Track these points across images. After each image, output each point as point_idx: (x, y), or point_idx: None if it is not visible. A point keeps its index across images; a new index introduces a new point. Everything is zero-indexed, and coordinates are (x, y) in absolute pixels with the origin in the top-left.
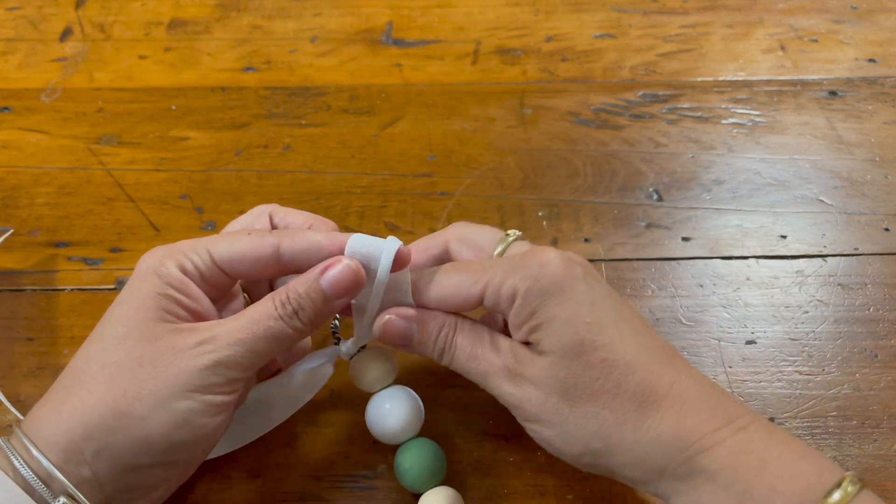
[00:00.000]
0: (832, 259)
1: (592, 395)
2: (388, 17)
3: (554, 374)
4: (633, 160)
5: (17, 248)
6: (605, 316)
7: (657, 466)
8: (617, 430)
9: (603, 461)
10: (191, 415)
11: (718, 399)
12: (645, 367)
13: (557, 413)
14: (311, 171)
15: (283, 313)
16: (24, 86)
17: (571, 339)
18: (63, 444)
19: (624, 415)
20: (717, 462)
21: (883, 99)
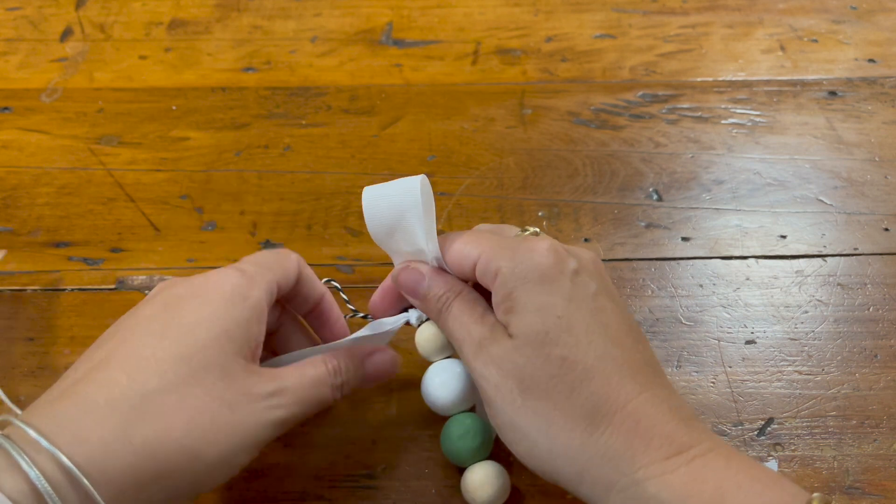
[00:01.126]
0: (832, 259)
1: (546, 391)
2: (388, 17)
3: (514, 359)
4: (633, 160)
5: (18, 248)
6: (580, 316)
7: (602, 482)
8: (564, 434)
9: (550, 466)
10: (241, 467)
11: (678, 424)
12: (603, 377)
13: (511, 401)
14: (311, 171)
15: (334, 383)
16: (24, 86)
17: (538, 327)
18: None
19: (573, 420)
20: (669, 490)
21: (883, 99)
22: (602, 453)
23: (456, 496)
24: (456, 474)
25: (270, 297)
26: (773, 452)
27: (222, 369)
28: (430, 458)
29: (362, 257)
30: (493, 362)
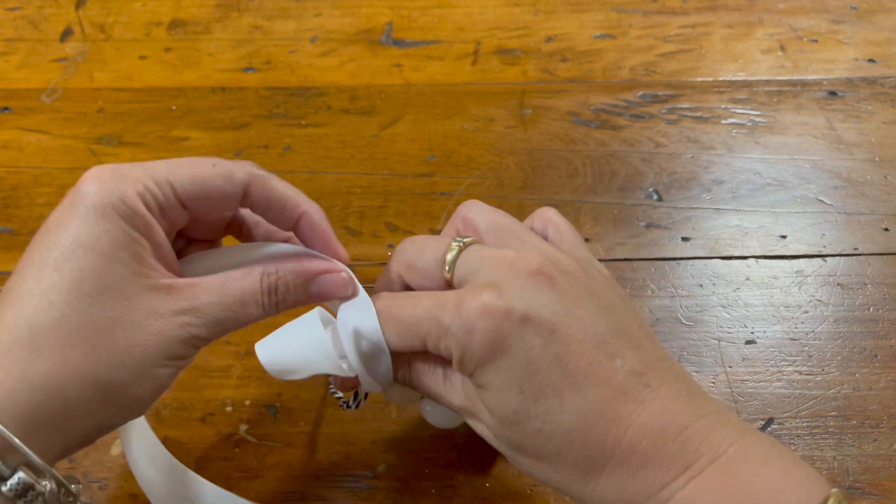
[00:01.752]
0: (832, 259)
1: (536, 456)
2: (388, 17)
3: (499, 432)
4: (633, 160)
5: (18, 248)
6: (542, 378)
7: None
8: (564, 484)
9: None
10: (167, 378)
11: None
12: (586, 433)
13: (509, 456)
14: (311, 171)
15: (267, 302)
16: (24, 86)
17: (506, 410)
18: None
19: (568, 476)
20: None
21: (883, 99)
22: (601, 497)
23: (456, 496)
24: (456, 474)
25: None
26: None
27: (120, 291)
28: (430, 458)
29: (362, 257)
30: (482, 424)
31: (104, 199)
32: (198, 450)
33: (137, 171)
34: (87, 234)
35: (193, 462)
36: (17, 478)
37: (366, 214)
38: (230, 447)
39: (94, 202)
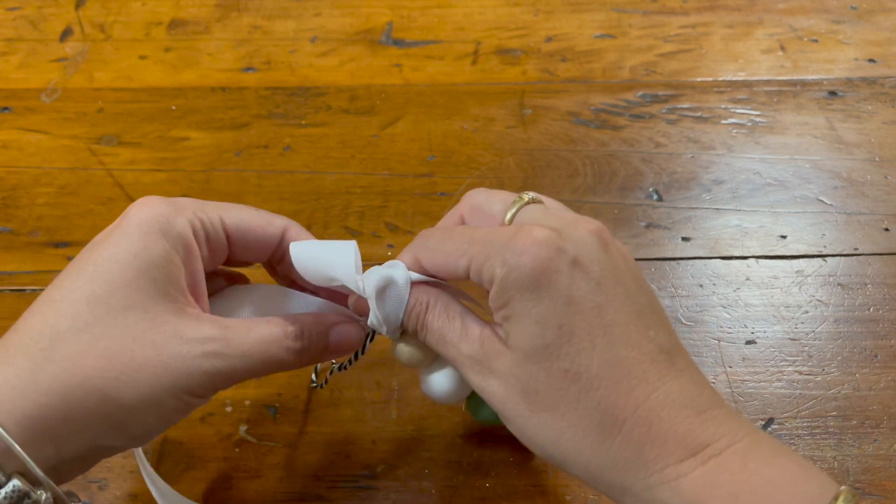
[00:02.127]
0: (832, 259)
1: (552, 405)
2: (388, 17)
3: (517, 375)
4: (633, 160)
5: (17, 248)
6: (581, 320)
7: (616, 488)
8: (575, 444)
9: (565, 469)
10: (174, 414)
11: (693, 420)
12: (611, 384)
13: (517, 413)
14: (311, 171)
15: (293, 346)
16: (24, 86)
17: (537, 341)
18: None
19: (583, 431)
20: (680, 498)
21: (883, 99)
22: (614, 462)
23: (456, 496)
24: (456, 474)
25: (204, 231)
26: None
27: (146, 309)
28: (430, 458)
29: (362, 257)
30: (493, 377)
31: (150, 218)
32: (198, 450)
33: (189, 201)
34: (126, 250)
35: (193, 462)
36: (12, 485)
37: (366, 214)
38: (230, 447)
39: (139, 220)
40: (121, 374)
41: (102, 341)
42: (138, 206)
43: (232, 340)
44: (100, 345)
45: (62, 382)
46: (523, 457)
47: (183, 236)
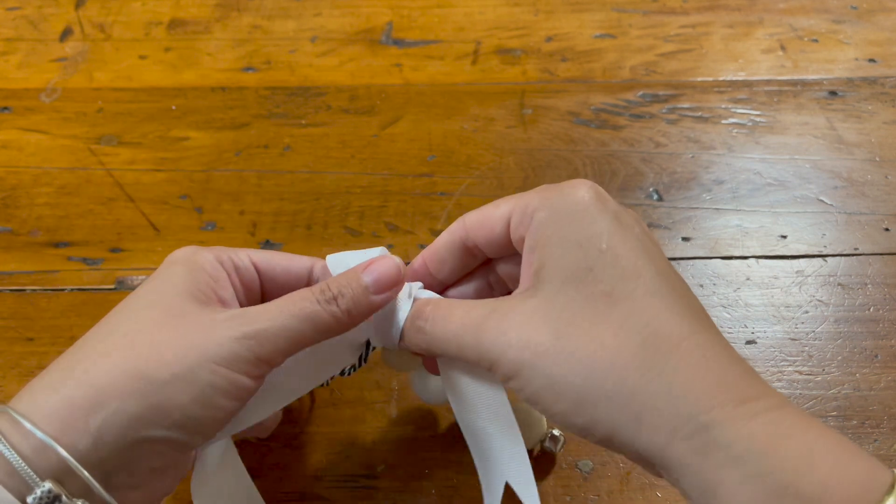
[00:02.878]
0: (832, 259)
1: (589, 333)
2: (388, 17)
3: (548, 307)
4: (633, 160)
5: (17, 248)
6: (626, 247)
7: (664, 428)
8: (615, 374)
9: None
10: (212, 391)
11: (743, 370)
12: (658, 311)
13: (544, 355)
14: (311, 171)
15: (321, 298)
16: (24, 86)
17: (581, 263)
18: (63, 410)
19: (625, 358)
20: (746, 442)
21: (883, 99)
22: (662, 392)
23: (456, 496)
24: (456, 474)
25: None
26: None
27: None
28: (430, 458)
29: None
30: (512, 328)
31: (179, 256)
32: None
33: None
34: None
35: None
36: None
37: (366, 214)
38: None
39: (171, 260)
40: (148, 354)
41: (128, 336)
42: (174, 252)
43: (253, 310)
44: (125, 339)
45: (89, 372)
46: None
47: (210, 263)
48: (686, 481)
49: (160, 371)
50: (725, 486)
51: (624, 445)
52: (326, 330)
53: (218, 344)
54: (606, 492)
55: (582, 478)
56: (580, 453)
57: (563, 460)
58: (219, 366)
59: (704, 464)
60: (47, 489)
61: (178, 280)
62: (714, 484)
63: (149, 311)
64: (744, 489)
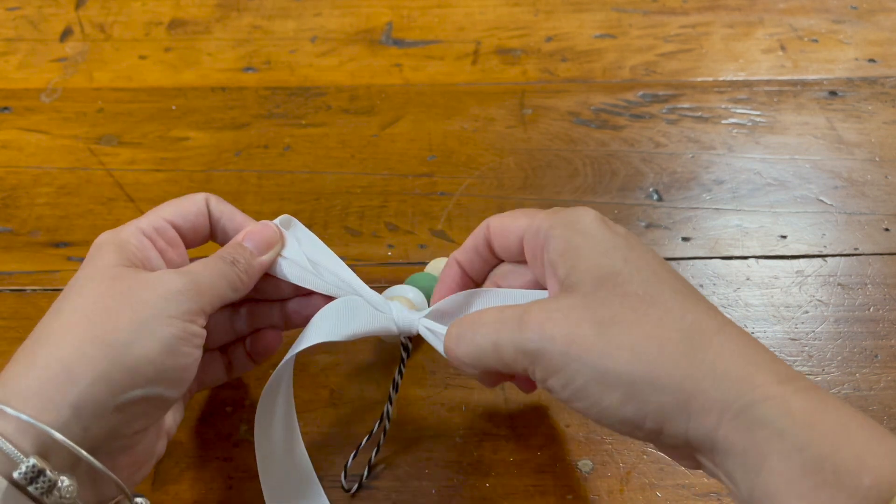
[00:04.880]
0: (832, 259)
1: (631, 325)
2: (388, 17)
3: (585, 304)
4: (633, 160)
5: (17, 248)
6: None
7: (714, 410)
8: (663, 363)
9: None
10: (174, 341)
11: (774, 356)
12: (690, 305)
13: (590, 348)
14: (311, 171)
15: (227, 260)
16: (24, 86)
17: (609, 269)
18: (38, 390)
19: (670, 348)
20: (790, 417)
21: (883, 99)
22: (709, 376)
23: (456, 496)
24: (456, 474)
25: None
26: None
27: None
28: (430, 458)
29: (362, 257)
30: (554, 323)
31: (103, 239)
32: (198, 450)
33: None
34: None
35: (193, 462)
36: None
37: (366, 214)
38: (230, 447)
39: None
40: (105, 323)
41: (77, 312)
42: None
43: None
44: (77, 315)
45: (55, 353)
46: (523, 457)
47: (132, 237)
48: (731, 462)
49: (122, 334)
50: (769, 460)
51: (673, 434)
52: (236, 287)
53: (166, 298)
54: (606, 492)
55: (582, 478)
56: (580, 453)
57: (563, 460)
58: (172, 317)
59: (751, 441)
60: (31, 464)
61: (109, 256)
62: (759, 459)
63: (93, 286)
64: (786, 463)
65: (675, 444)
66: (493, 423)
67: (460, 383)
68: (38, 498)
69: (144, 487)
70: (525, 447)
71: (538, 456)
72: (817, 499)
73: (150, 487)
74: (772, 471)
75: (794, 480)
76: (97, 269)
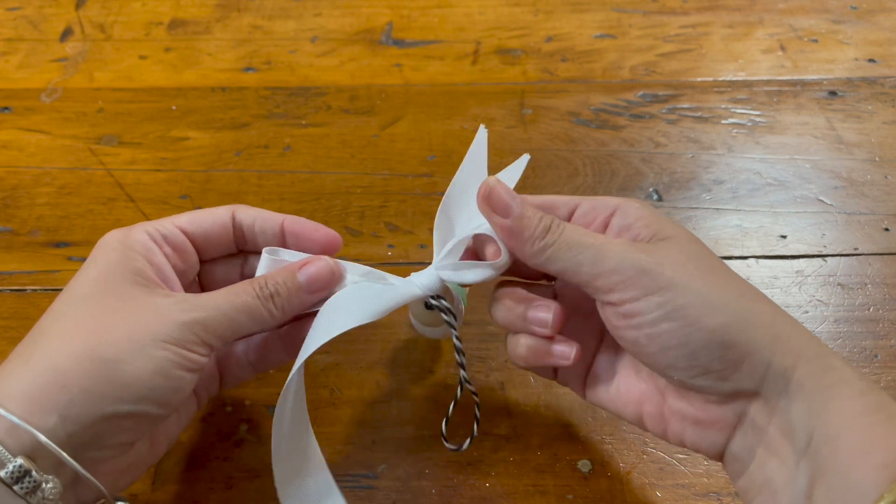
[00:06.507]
0: (832, 259)
1: (726, 273)
2: (388, 17)
3: (684, 250)
4: (633, 160)
5: (17, 248)
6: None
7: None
8: (759, 305)
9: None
10: (168, 364)
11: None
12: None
13: (699, 277)
14: (311, 171)
15: (261, 294)
16: (24, 86)
17: (686, 235)
18: (30, 393)
19: (760, 296)
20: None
21: (883, 99)
22: (789, 324)
23: (456, 496)
24: (456, 474)
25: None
26: None
27: (119, 292)
28: (430, 458)
29: (362, 257)
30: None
31: (108, 238)
32: (198, 450)
33: (143, 223)
34: (92, 266)
35: (193, 462)
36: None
37: (366, 214)
38: (230, 447)
39: (100, 244)
40: (103, 335)
41: (80, 321)
42: (103, 238)
43: (200, 297)
44: (79, 323)
45: (50, 357)
46: (523, 457)
47: (140, 241)
48: (796, 405)
49: (118, 352)
50: (836, 402)
51: (752, 368)
52: (262, 322)
53: (167, 326)
54: (606, 491)
55: (582, 478)
56: (580, 453)
57: (563, 460)
58: (170, 344)
59: (822, 383)
60: (18, 464)
61: (116, 264)
62: (826, 400)
63: (97, 297)
64: (850, 403)
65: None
66: (493, 423)
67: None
68: (22, 496)
69: (145, 487)
70: (525, 447)
71: (538, 456)
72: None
73: (150, 487)
74: (839, 411)
75: (857, 418)
76: (101, 275)
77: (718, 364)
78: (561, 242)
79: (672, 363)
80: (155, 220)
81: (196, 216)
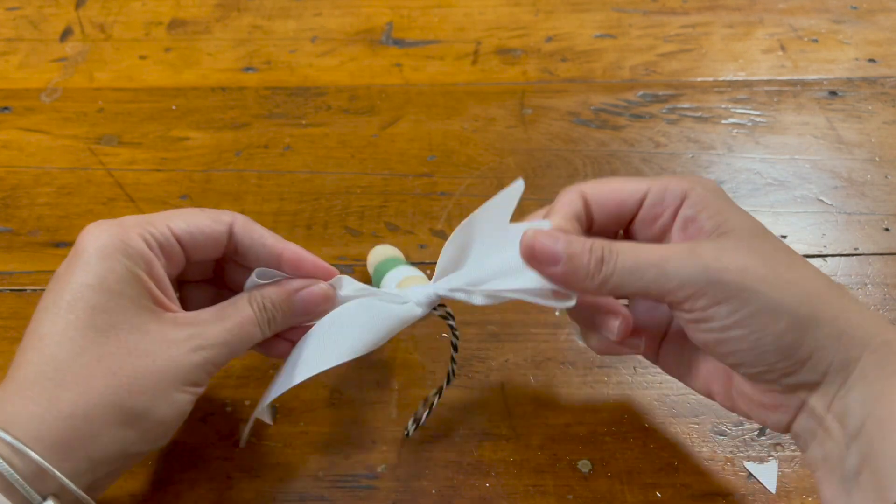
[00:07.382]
0: (832, 259)
1: (791, 266)
2: (388, 17)
3: (748, 245)
4: (633, 160)
5: (17, 248)
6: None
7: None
8: (824, 300)
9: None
10: (186, 404)
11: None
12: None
13: (763, 279)
14: (311, 171)
15: (261, 320)
16: (24, 86)
17: (755, 224)
18: (60, 440)
19: (825, 289)
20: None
21: (883, 99)
22: (855, 314)
23: (456, 496)
24: (456, 474)
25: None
26: (773, 453)
27: (130, 323)
28: (430, 458)
29: (362, 257)
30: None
31: (107, 242)
32: (198, 450)
33: (137, 219)
34: (93, 274)
35: (193, 462)
36: None
37: (366, 214)
38: (230, 447)
39: (96, 246)
40: (130, 386)
41: (103, 361)
42: (89, 232)
43: (209, 333)
44: (102, 365)
45: (81, 405)
46: (523, 457)
47: (140, 252)
48: (855, 393)
49: (145, 403)
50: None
51: (818, 363)
52: (252, 343)
53: (186, 371)
54: (606, 491)
55: (582, 478)
56: (580, 453)
57: (563, 460)
58: (187, 386)
59: (885, 370)
60: None
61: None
62: (886, 388)
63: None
64: None
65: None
66: (493, 423)
67: (460, 383)
68: None
69: (145, 487)
70: (525, 447)
71: (538, 456)
72: None
73: (150, 487)
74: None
75: None
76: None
77: (784, 364)
78: (619, 270)
79: (740, 361)
80: (147, 219)
81: (192, 226)
